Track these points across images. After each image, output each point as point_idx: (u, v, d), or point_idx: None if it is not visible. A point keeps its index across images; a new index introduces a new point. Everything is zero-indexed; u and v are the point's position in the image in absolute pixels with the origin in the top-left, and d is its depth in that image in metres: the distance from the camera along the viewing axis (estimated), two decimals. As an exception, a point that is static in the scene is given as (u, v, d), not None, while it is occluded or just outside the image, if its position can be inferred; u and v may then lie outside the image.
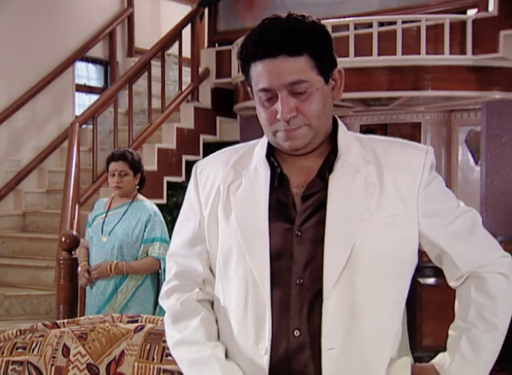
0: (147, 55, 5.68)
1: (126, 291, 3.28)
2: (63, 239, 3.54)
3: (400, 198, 1.33)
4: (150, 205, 3.41)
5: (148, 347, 1.86)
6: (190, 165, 6.30)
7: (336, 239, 1.31)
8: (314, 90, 1.29)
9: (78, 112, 6.36)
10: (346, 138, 1.39)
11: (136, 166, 3.43)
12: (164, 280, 3.18)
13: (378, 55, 4.81)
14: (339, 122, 1.41)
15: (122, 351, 1.88)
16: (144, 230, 3.32)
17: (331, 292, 1.29)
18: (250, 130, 6.15)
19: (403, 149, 1.40)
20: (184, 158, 5.83)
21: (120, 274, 3.28)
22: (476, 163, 5.75)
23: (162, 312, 1.65)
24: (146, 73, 5.62)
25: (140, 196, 3.47)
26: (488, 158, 5.05)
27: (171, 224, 6.50)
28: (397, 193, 1.34)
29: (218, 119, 6.21)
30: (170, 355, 1.81)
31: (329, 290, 1.29)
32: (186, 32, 6.01)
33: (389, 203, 1.33)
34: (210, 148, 6.31)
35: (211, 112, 6.12)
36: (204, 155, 6.17)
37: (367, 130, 6.41)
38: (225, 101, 6.05)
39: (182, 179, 5.94)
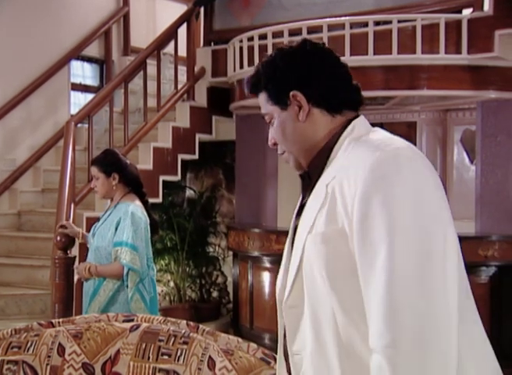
0: (143, 54, 5.67)
1: (104, 294, 3.25)
2: (58, 238, 3.54)
3: (344, 212, 1.26)
4: (128, 207, 3.26)
5: (144, 346, 1.86)
6: (185, 164, 6.31)
7: (294, 252, 1.37)
8: (275, 119, 1.44)
9: (73, 111, 6.34)
10: (337, 150, 1.39)
11: (107, 167, 3.34)
12: (127, 286, 3.18)
13: (374, 54, 4.82)
14: (348, 129, 1.40)
15: (118, 350, 1.88)
16: (114, 233, 3.24)
17: (287, 301, 1.36)
18: (246, 129, 6.17)
19: (362, 154, 1.30)
20: (180, 157, 5.83)
21: (94, 275, 3.26)
22: (471, 162, 5.76)
23: None
24: (141, 72, 5.61)
25: (127, 197, 3.36)
26: (483, 157, 5.06)
27: (167, 223, 6.52)
28: (342, 207, 1.27)
29: (213, 118, 6.20)
30: (166, 355, 1.81)
31: (286, 299, 1.37)
32: (182, 31, 6.01)
33: (329, 218, 1.29)
34: (206, 147, 6.31)
35: (206, 111, 6.11)
36: (200, 155, 6.23)
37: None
38: (221, 100, 6.05)
39: (177, 178, 5.94)
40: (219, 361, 1.70)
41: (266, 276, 5.48)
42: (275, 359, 1.65)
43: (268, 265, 5.46)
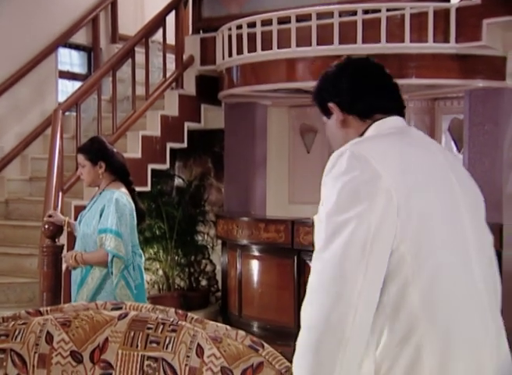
0: (131, 42, 5.64)
1: (92, 282, 3.26)
2: (46, 227, 3.53)
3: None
4: (112, 194, 3.26)
5: (132, 334, 1.87)
6: (174, 152, 6.30)
7: None
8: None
9: (61, 98, 6.30)
10: None
11: (93, 155, 3.34)
12: (112, 273, 3.18)
13: (363, 42, 4.81)
14: (369, 131, 1.63)
15: (106, 338, 1.89)
16: (99, 220, 3.24)
17: None
18: (235, 117, 6.16)
19: None
20: (168, 145, 5.82)
21: (80, 264, 3.26)
22: (459, 151, 5.79)
23: None
24: (130, 60, 5.58)
25: (113, 185, 3.36)
26: (470, 146, 5.08)
27: (155, 212, 6.51)
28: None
29: (202, 106, 6.19)
30: (154, 342, 1.82)
31: None
32: (171, 19, 5.97)
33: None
34: (194, 136, 6.30)
35: (195, 100, 6.10)
36: (189, 143, 6.22)
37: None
38: (210, 88, 6.03)
39: (166, 166, 5.93)
40: (208, 348, 1.71)
41: (255, 265, 5.50)
42: (263, 346, 1.67)
43: (256, 253, 5.47)
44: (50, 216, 3.59)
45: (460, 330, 1.42)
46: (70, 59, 6.91)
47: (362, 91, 1.65)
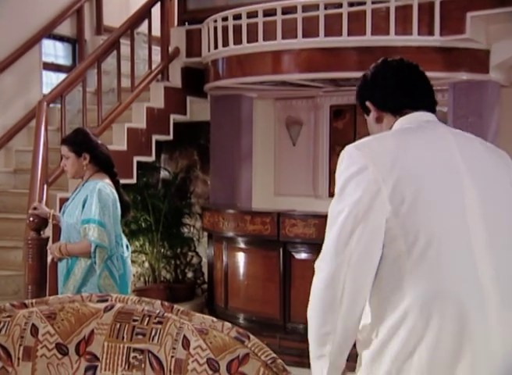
0: (116, 33, 5.61)
1: (78, 273, 3.26)
2: (31, 219, 3.52)
3: None
4: (95, 185, 3.26)
5: (118, 326, 1.86)
6: (159, 145, 6.28)
7: None
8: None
9: (46, 90, 6.26)
10: None
11: (77, 147, 3.33)
12: (95, 263, 3.18)
13: (348, 35, 4.83)
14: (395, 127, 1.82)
15: (92, 330, 1.89)
16: (82, 211, 3.24)
17: None
18: (221, 109, 6.16)
19: None
20: (154, 137, 5.80)
21: (65, 255, 3.26)
22: (443, 144, 5.83)
23: None
24: (115, 52, 5.55)
25: (96, 176, 3.36)
26: (454, 138, 5.11)
27: (141, 204, 6.49)
28: None
29: (188, 98, 6.18)
30: (140, 334, 1.83)
31: None
32: (156, 10, 5.95)
33: None
34: (180, 128, 6.29)
35: (181, 92, 6.09)
36: (175, 135, 6.20)
37: (336, 110, 6.45)
38: (196, 80, 6.02)
39: (152, 159, 5.92)
40: (194, 340, 1.71)
41: (241, 257, 5.51)
42: (249, 338, 1.68)
43: (242, 245, 5.49)
44: (35, 209, 3.58)
45: (450, 303, 1.58)
46: (55, 51, 6.86)
47: (393, 91, 1.84)
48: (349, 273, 1.61)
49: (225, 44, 5.38)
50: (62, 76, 6.30)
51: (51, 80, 6.62)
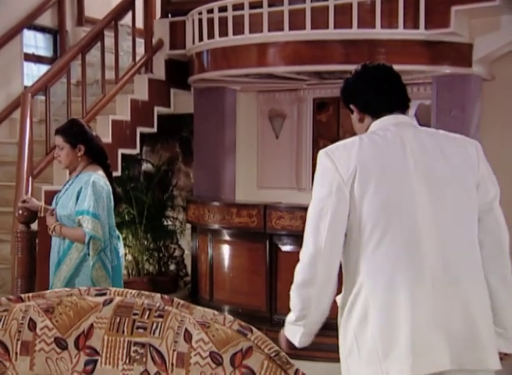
0: (100, 25, 5.56)
1: (70, 263, 3.26)
2: (20, 212, 3.49)
3: None
4: (90, 177, 3.26)
5: (118, 320, 1.86)
6: (142, 137, 6.25)
7: None
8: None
9: (27, 82, 6.19)
10: None
11: (72, 138, 3.33)
12: (89, 255, 3.19)
13: (334, 28, 4.83)
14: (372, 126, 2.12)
15: (91, 324, 1.88)
16: (76, 202, 3.25)
17: None
18: (205, 102, 6.14)
19: None
20: (138, 130, 5.77)
21: (57, 235, 3.28)
22: (426, 136, 5.87)
23: None
24: (99, 44, 5.50)
25: (90, 167, 3.36)
26: (438, 131, 5.16)
27: (124, 197, 6.44)
28: None
29: (172, 91, 6.15)
30: (141, 328, 1.83)
31: None
32: (139, 2, 5.90)
33: None
34: (162, 121, 6.26)
35: (165, 84, 6.06)
36: (158, 127, 6.17)
37: (320, 103, 6.47)
38: (180, 72, 5.99)
39: (136, 151, 5.89)
40: (196, 333, 1.72)
41: (226, 249, 5.52)
42: (251, 331, 1.70)
43: (228, 238, 5.49)
44: (24, 202, 3.55)
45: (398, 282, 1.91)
46: (35, 42, 6.77)
47: (372, 97, 2.11)
48: (320, 258, 1.97)
49: (211, 36, 5.36)
50: (42, 67, 6.23)
51: (32, 72, 6.54)
